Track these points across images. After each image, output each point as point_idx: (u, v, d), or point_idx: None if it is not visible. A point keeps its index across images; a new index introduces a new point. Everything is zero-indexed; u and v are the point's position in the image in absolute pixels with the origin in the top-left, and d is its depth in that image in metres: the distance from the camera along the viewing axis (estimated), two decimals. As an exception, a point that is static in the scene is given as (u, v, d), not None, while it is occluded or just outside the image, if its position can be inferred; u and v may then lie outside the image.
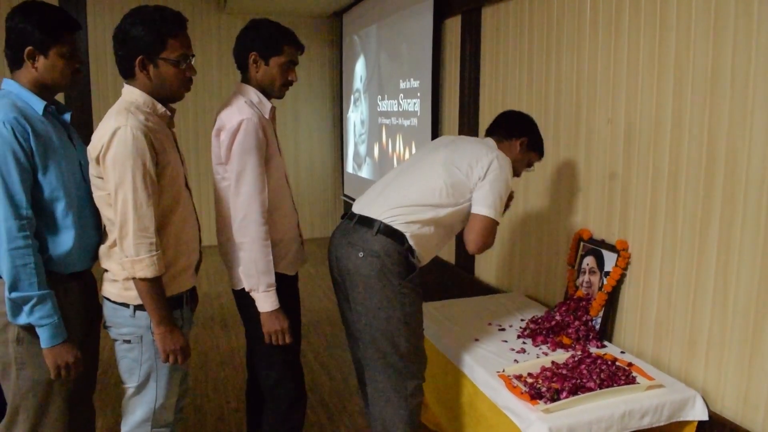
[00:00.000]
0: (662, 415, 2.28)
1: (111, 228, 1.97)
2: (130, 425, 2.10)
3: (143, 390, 2.05)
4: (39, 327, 1.88)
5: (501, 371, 2.46)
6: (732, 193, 2.24)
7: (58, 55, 1.93)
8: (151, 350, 2.02)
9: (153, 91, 1.98)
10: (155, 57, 1.92)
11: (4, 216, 1.81)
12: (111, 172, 1.84)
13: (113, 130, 1.83)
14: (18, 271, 1.83)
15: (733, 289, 2.26)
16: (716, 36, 2.27)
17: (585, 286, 2.97)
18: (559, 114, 3.24)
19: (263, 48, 2.29)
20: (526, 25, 3.52)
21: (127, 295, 1.98)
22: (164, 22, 1.91)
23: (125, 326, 2.01)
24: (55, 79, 1.96)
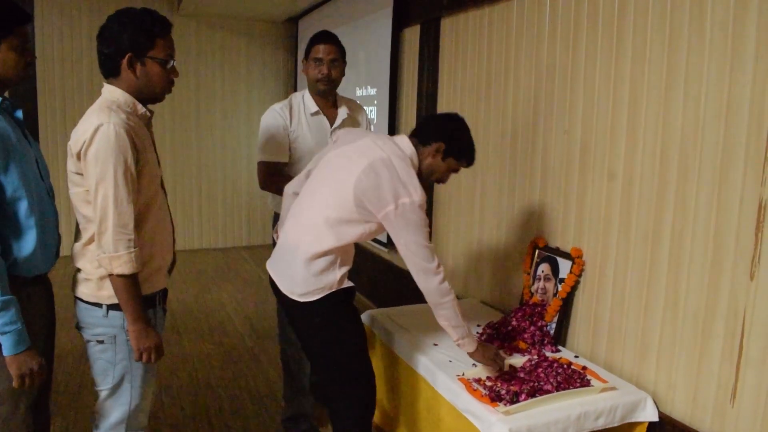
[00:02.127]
0: (615, 417, 2.35)
1: (86, 225, 1.95)
2: (105, 428, 2.07)
3: (117, 391, 2.05)
4: (2, 334, 1.80)
5: (461, 375, 2.51)
6: (683, 203, 2.34)
7: (9, 49, 1.85)
8: (125, 351, 2.01)
9: (136, 91, 1.98)
10: (143, 55, 1.94)
11: None
12: (92, 168, 1.84)
13: (96, 126, 1.83)
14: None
15: (683, 295, 2.36)
16: (670, 51, 2.37)
17: (540, 292, 3.04)
18: (517, 124, 3.32)
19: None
20: (485, 36, 3.60)
21: (100, 294, 1.96)
22: (154, 22, 1.94)
23: (99, 326, 1.99)
24: (7, 73, 1.88)
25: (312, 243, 2.26)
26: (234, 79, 7.12)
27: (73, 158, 1.90)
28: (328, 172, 2.37)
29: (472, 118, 3.68)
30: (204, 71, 6.99)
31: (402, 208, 2.15)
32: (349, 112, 3.18)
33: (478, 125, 3.69)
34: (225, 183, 7.29)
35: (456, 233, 3.94)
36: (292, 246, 2.33)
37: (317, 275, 2.28)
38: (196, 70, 6.92)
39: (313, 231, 2.28)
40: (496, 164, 3.51)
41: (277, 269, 2.42)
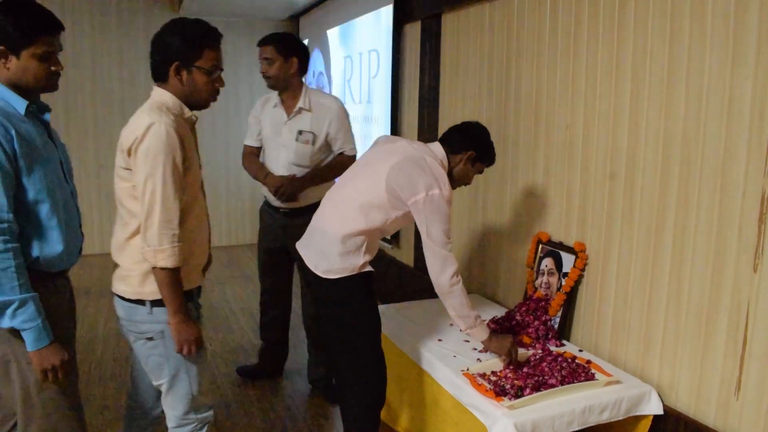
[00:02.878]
0: (620, 410, 2.36)
1: (128, 220, 2.01)
2: (176, 419, 2.16)
3: (176, 383, 2.10)
4: (23, 331, 1.84)
5: (465, 370, 2.52)
6: (686, 198, 2.34)
7: (31, 57, 1.85)
8: (174, 344, 2.04)
9: (182, 97, 2.06)
10: (190, 65, 2.01)
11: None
12: (142, 164, 1.90)
13: (148, 125, 1.90)
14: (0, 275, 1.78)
15: (686, 289, 2.36)
16: (672, 45, 2.37)
17: (544, 286, 3.05)
18: (519, 119, 3.32)
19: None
20: (486, 31, 3.60)
21: (143, 291, 2.01)
22: (203, 33, 2.04)
23: (145, 323, 2.05)
24: (28, 81, 1.89)
25: (342, 223, 2.41)
26: (236, 78, 7.11)
27: (123, 154, 1.96)
28: (364, 164, 2.58)
29: (474, 113, 3.69)
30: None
31: (431, 198, 2.34)
32: (304, 107, 3.32)
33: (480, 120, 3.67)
34: (228, 181, 7.29)
35: (459, 229, 3.94)
36: (323, 225, 2.47)
37: (343, 255, 2.40)
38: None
39: (345, 212, 2.42)
40: (498, 159, 3.49)
41: (306, 247, 2.53)
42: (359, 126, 5.47)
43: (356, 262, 2.42)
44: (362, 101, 5.42)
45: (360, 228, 2.40)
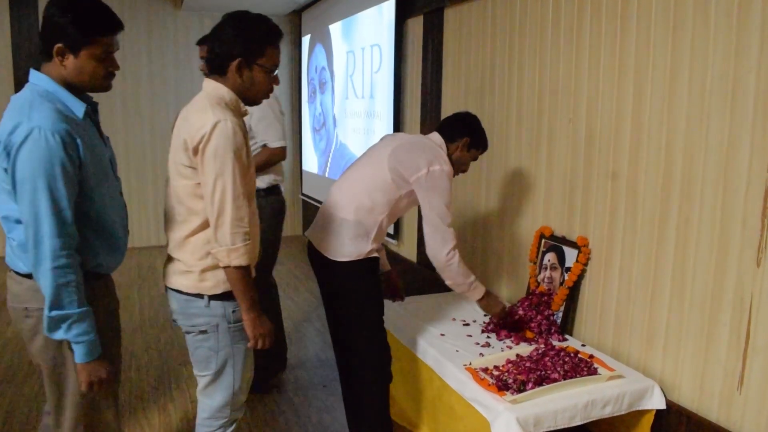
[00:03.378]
0: (623, 405, 2.36)
1: (188, 218, 2.01)
2: (211, 411, 2.17)
3: (221, 377, 2.12)
4: (75, 344, 1.83)
5: (468, 364, 2.51)
6: (689, 192, 2.34)
7: (89, 57, 1.80)
8: (227, 338, 2.08)
9: (238, 92, 2.04)
10: (252, 62, 2.00)
11: (50, 233, 1.72)
12: (210, 164, 1.89)
13: (214, 122, 1.88)
14: (60, 290, 1.76)
15: (689, 283, 2.36)
16: (675, 40, 2.36)
17: (546, 281, 3.05)
18: (521, 114, 3.31)
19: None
20: (489, 26, 3.59)
21: (202, 286, 2.02)
22: (268, 31, 2.01)
23: (201, 317, 2.05)
24: (83, 81, 1.83)
25: (349, 208, 2.52)
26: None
27: (187, 152, 1.93)
28: (368, 154, 2.74)
29: (476, 108, 3.69)
30: (208, 65, 6.97)
31: (433, 173, 2.51)
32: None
33: (483, 115, 3.67)
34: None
35: (462, 223, 3.94)
36: (333, 211, 2.57)
37: (353, 240, 2.51)
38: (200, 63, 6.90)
39: (352, 198, 2.54)
40: (500, 154, 3.50)
41: (317, 233, 2.62)
42: (362, 121, 5.47)
43: (364, 247, 2.53)
44: (364, 96, 5.41)
45: (366, 211, 2.52)
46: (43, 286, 1.76)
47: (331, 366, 3.87)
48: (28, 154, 1.69)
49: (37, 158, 1.69)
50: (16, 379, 3.63)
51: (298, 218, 7.76)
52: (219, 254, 1.93)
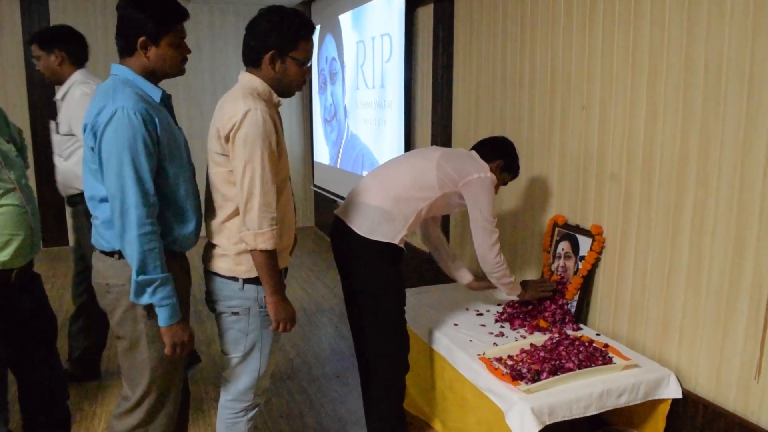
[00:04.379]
0: (638, 394, 2.34)
1: (223, 204, 2.10)
2: (234, 393, 2.24)
3: (248, 359, 2.19)
4: (159, 307, 1.95)
5: (481, 354, 2.50)
6: (705, 178, 2.30)
7: (168, 45, 1.97)
8: (257, 321, 2.15)
9: (271, 84, 2.11)
10: (285, 54, 2.07)
11: (135, 203, 1.86)
12: (240, 150, 1.96)
13: (245, 111, 1.96)
14: (145, 255, 1.88)
15: (706, 271, 2.33)
16: (690, 24, 2.32)
17: (560, 270, 3.03)
18: (534, 101, 3.28)
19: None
20: (500, 12, 3.55)
21: (237, 269, 2.10)
22: (301, 25, 2.08)
23: (234, 299, 2.12)
24: (165, 68, 2.00)
25: (385, 199, 2.56)
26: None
27: (220, 140, 2.02)
28: (407, 155, 2.88)
29: (488, 96, 3.66)
30: (219, 58, 6.97)
31: (483, 180, 2.62)
32: (58, 99, 3.27)
33: (494, 103, 3.65)
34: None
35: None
36: (368, 200, 2.59)
37: (385, 220, 2.54)
38: (211, 56, 6.91)
39: (389, 191, 2.58)
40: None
41: (348, 212, 2.62)
42: (373, 111, 5.45)
43: (394, 232, 2.55)
44: (375, 86, 5.38)
45: (402, 201, 2.56)
46: (130, 253, 1.89)
47: (345, 357, 3.87)
48: (113, 131, 1.84)
49: (121, 135, 1.84)
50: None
51: (310, 209, 7.75)
52: (246, 237, 2.00)
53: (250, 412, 2.27)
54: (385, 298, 2.60)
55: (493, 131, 3.68)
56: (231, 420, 2.27)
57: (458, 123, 4.14)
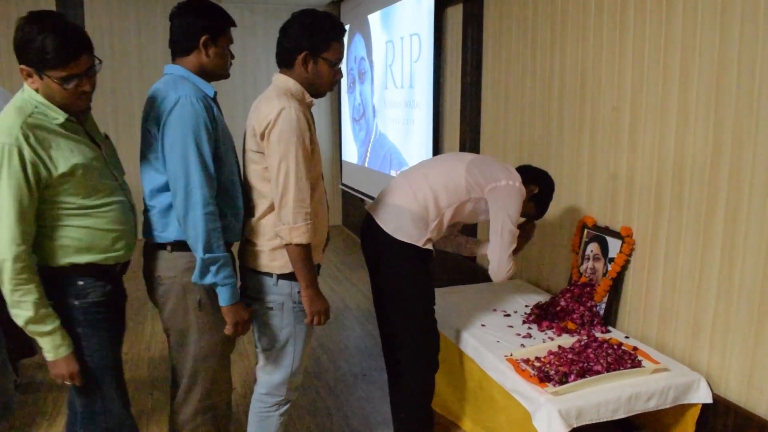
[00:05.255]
0: (667, 398, 2.32)
1: (259, 201, 2.17)
2: (268, 387, 2.30)
3: (282, 354, 2.25)
4: (222, 286, 2.04)
5: (509, 355, 2.50)
6: (738, 180, 2.27)
7: (223, 46, 2.12)
8: (291, 316, 2.20)
9: (304, 84, 2.17)
10: (318, 55, 2.14)
11: (199, 184, 1.97)
12: (275, 147, 2.03)
13: (279, 110, 2.03)
14: (210, 234, 1.98)
15: (738, 274, 2.30)
16: (723, 24, 2.29)
17: (589, 272, 3.01)
18: (564, 101, 3.26)
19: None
20: (530, 12, 3.54)
21: (272, 265, 2.16)
22: (332, 27, 2.15)
23: (269, 294, 2.19)
24: (218, 67, 2.13)
25: (413, 200, 2.56)
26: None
27: (255, 138, 2.10)
28: (435, 159, 2.86)
29: (517, 95, 3.65)
30: (250, 58, 7.04)
31: (511, 187, 2.54)
32: None
33: (524, 103, 3.64)
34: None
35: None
36: (395, 200, 2.59)
37: (410, 222, 2.53)
38: (242, 57, 6.97)
39: (416, 192, 2.57)
40: (542, 142, 3.46)
41: (377, 205, 2.65)
42: (401, 111, 5.45)
43: (418, 234, 2.54)
44: (404, 86, 5.39)
45: (431, 202, 2.54)
46: (194, 233, 1.98)
47: (371, 355, 3.89)
48: (178, 117, 1.96)
49: (186, 120, 1.96)
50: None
51: (338, 208, 7.79)
52: (281, 232, 2.06)
53: (282, 407, 2.32)
54: (412, 297, 2.60)
55: (522, 131, 3.67)
56: (264, 413, 2.32)
57: (487, 123, 4.13)
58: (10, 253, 1.76)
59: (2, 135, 1.76)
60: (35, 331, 1.86)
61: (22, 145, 1.75)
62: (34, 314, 1.82)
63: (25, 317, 1.82)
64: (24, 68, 1.79)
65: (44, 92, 1.81)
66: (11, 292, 1.79)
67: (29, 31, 1.74)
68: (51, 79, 1.78)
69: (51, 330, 1.87)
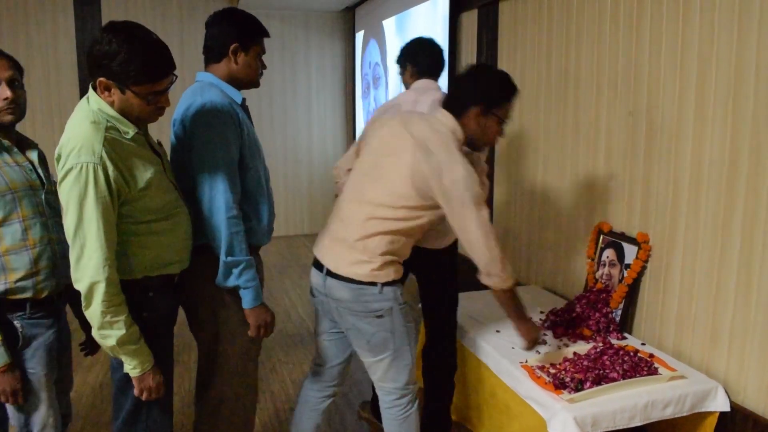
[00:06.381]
0: (684, 406, 2.30)
1: (383, 220, 2.17)
2: (398, 391, 2.31)
3: (401, 355, 2.27)
4: (244, 289, 2.06)
5: (524, 362, 2.49)
6: (756, 187, 2.25)
7: (255, 56, 2.17)
8: (400, 318, 2.23)
9: (470, 135, 2.23)
10: (489, 110, 2.19)
11: (224, 188, 1.99)
12: (452, 201, 2.09)
13: (454, 164, 2.08)
14: (233, 237, 2.00)
15: (756, 281, 2.27)
16: (740, 28, 2.27)
17: (605, 278, 2.99)
18: (578, 106, 3.25)
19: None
20: (545, 17, 3.53)
21: (376, 274, 2.15)
22: (510, 88, 2.25)
23: (375, 302, 2.18)
24: (248, 75, 2.18)
25: None
26: (293, 70, 7.18)
27: (421, 188, 2.12)
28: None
29: (532, 101, 3.63)
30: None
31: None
32: None
33: (539, 109, 3.63)
34: (286, 172, 7.38)
35: (518, 218, 3.89)
36: None
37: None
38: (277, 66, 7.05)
39: None
40: (557, 147, 3.45)
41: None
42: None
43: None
44: (418, 91, 5.38)
45: None
46: (216, 237, 2.00)
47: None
48: (203, 123, 2.00)
49: (211, 125, 2.00)
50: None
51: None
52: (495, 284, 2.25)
53: (415, 401, 2.35)
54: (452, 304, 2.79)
55: (537, 136, 3.65)
56: (402, 415, 2.34)
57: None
58: (103, 275, 1.71)
59: (85, 154, 1.69)
60: (125, 351, 1.80)
61: (107, 163, 1.71)
62: (126, 332, 1.77)
63: (117, 336, 1.76)
64: (103, 81, 1.73)
65: (121, 106, 1.77)
66: (102, 314, 1.74)
67: (115, 43, 1.69)
68: (136, 94, 1.74)
69: (140, 345, 1.83)
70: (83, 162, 1.68)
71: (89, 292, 1.73)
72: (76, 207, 1.70)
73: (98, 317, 1.74)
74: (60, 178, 1.72)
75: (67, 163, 1.70)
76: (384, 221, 2.14)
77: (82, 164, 1.68)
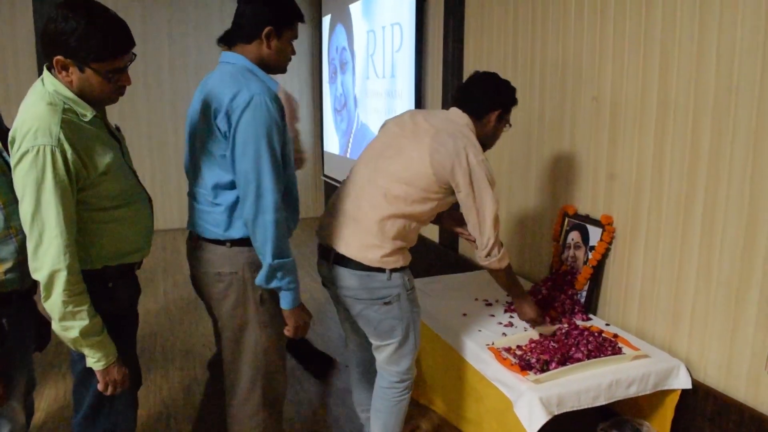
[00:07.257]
0: (648, 384, 2.34)
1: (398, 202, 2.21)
2: (399, 375, 2.36)
3: (406, 341, 2.32)
4: (286, 290, 2.01)
5: (490, 344, 2.51)
6: (717, 167, 2.29)
7: (287, 40, 2.06)
8: (407, 305, 2.27)
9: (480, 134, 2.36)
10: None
11: (270, 188, 1.91)
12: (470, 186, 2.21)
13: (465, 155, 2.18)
14: (280, 240, 1.94)
15: (716, 261, 2.32)
16: (702, 16, 2.30)
17: (570, 260, 3.02)
18: (545, 91, 3.27)
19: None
20: (511, 3, 3.53)
21: (386, 260, 2.19)
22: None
23: (383, 289, 2.23)
24: (279, 60, 2.07)
25: None
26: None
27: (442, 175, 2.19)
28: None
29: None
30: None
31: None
32: None
33: (504, 93, 3.63)
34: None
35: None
36: None
37: None
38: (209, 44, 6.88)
39: None
40: (523, 131, 3.46)
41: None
42: (383, 101, 5.43)
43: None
44: (386, 76, 5.37)
45: None
46: (262, 238, 1.93)
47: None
48: (251, 117, 1.88)
49: (260, 120, 1.88)
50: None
51: (320, 199, 7.76)
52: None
53: (410, 388, 2.42)
54: None
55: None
56: (396, 399, 2.39)
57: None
58: (64, 263, 1.62)
59: (42, 136, 1.60)
60: (89, 343, 1.72)
61: (65, 145, 1.61)
62: (89, 322, 1.69)
63: (80, 327, 1.68)
64: (60, 59, 1.63)
65: (80, 86, 1.68)
66: (64, 305, 1.65)
67: (72, 19, 1.59)
68: (96, 72, 1.65)
69: (103, 336, 1.75)
70: (40, 144, 1.59)
71: (49, 282, 1.64)
72: (33, 192, 1.61)
73: (59, 308, 1.65)
74: (14, 163, 1.63)
75: (23, 145, 1.61)
76: (398, 200, 2.19)
77: (38, 147, 1.59)
